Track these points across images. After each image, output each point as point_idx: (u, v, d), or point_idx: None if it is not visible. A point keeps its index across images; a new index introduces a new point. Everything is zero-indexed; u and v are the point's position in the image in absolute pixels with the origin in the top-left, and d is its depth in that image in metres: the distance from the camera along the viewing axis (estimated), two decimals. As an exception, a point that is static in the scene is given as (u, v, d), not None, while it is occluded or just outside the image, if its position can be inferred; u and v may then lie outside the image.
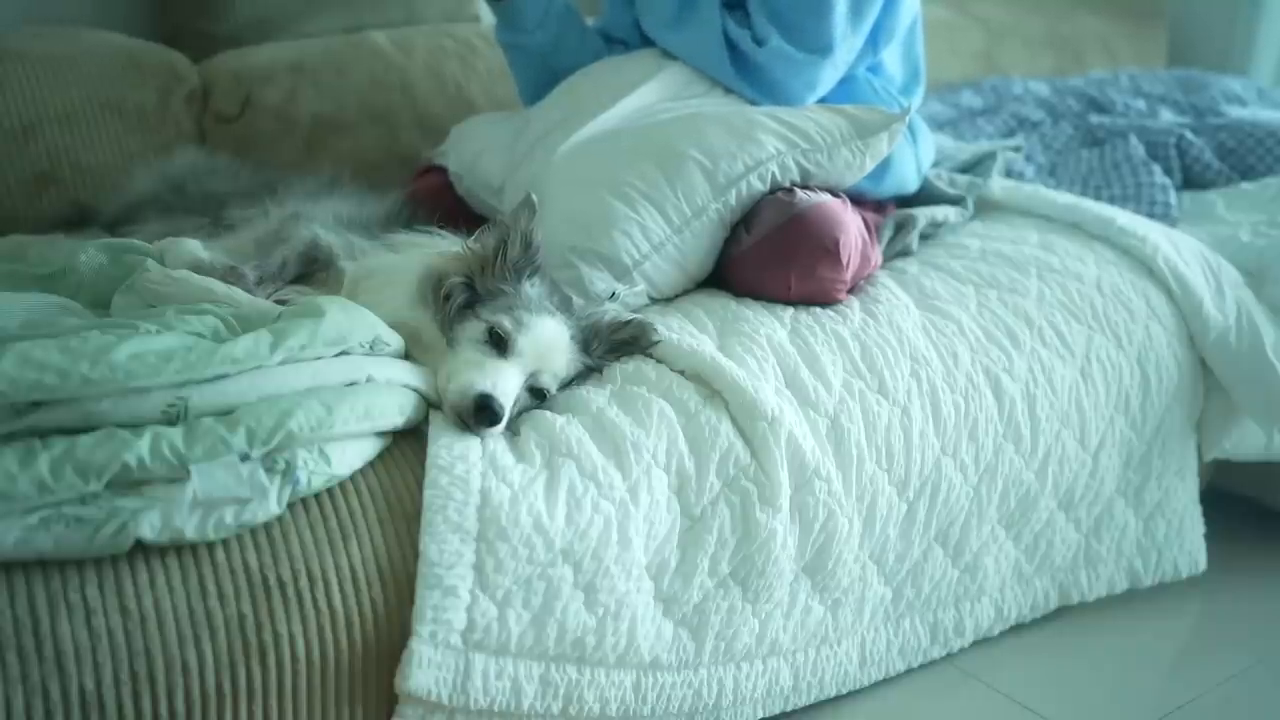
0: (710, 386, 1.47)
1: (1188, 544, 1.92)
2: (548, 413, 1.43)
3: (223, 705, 1.19)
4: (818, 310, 1.67)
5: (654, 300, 1.70)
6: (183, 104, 2.16)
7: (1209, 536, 1.94)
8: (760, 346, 1.54)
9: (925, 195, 2.05)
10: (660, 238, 1.63)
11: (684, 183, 1.64)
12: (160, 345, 1.24)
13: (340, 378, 1.34)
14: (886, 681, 1.67)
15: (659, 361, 1.52)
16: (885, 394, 1.57)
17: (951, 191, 2.05)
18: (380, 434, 1.36)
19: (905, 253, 1.94)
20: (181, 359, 1.23)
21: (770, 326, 1.59)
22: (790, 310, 1.66)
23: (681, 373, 1.50)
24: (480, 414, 1.36)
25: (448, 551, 1.27)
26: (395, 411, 1.35)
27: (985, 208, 2.09)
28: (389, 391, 1.36)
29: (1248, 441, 1.93)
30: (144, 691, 1.15)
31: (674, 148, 1.66)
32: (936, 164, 2.19)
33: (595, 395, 1.46)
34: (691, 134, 1.67)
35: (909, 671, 1.69)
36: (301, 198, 1.79)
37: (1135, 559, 1.87)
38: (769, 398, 1.46)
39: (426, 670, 1.24)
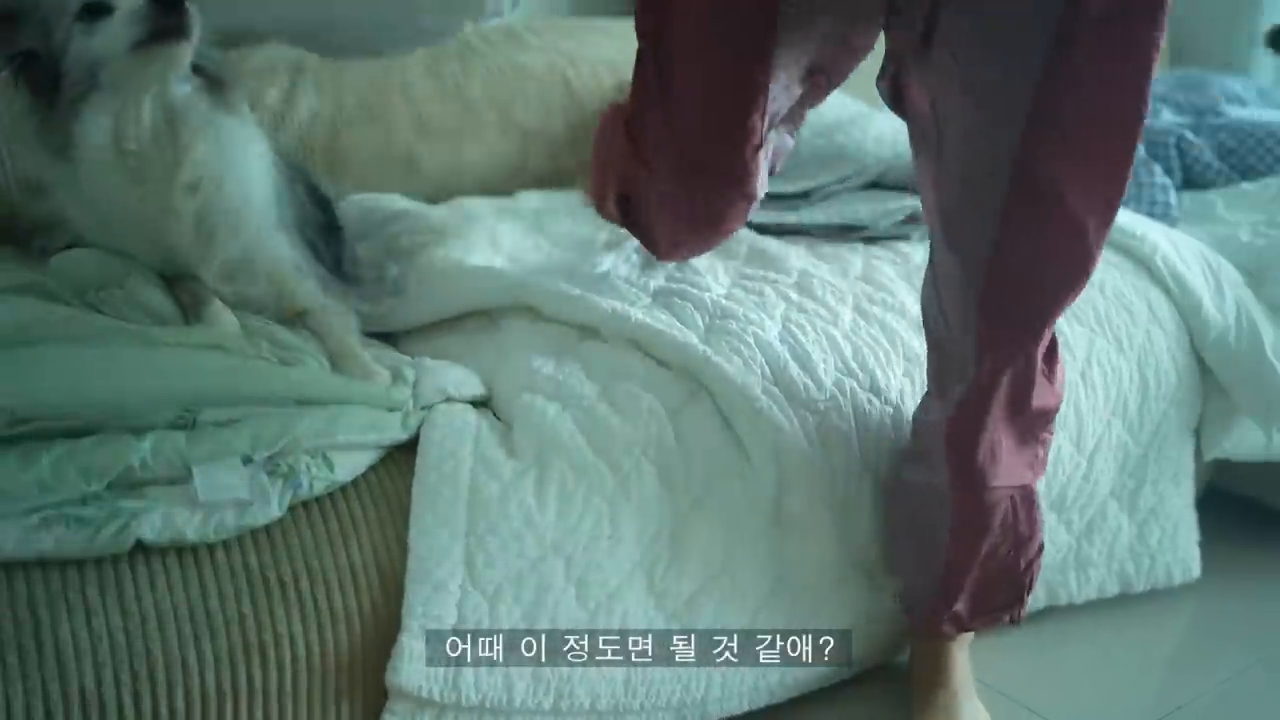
0: (698, 380, 1.48)
1: (1182, 550, 1.91)
2: (537, 407, 1.42)
3: (223, 705, 1.19)
4: (809, 307, 1.66)
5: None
6: (183, 104, 2.16)
7: (1206, 536, 1.94)
8: (748, 345, 1.53)
9: None
10: None
11: None
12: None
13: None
14: (883, 680, 1.67)
15: (646, 355, 1.51)
16: (877, 393, 1.57)
17: None
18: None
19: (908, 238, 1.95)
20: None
21: (760, 324, 1.59)
22: (781, 306, 1.66)
23: (669, 367, 1.49)
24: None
25: (436, 546, 1.27)
26: (398, 425, 1.36)
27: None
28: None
29: (1248, 441, 1.93)
30: (144, 691, 1.15)
31: None
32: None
33: (584, 390, 1.45)
34: None
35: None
36: None
37: (1128, 563, 1.86)
38: (756, 394, 1.46)
39: (416, 665, 1.24)
